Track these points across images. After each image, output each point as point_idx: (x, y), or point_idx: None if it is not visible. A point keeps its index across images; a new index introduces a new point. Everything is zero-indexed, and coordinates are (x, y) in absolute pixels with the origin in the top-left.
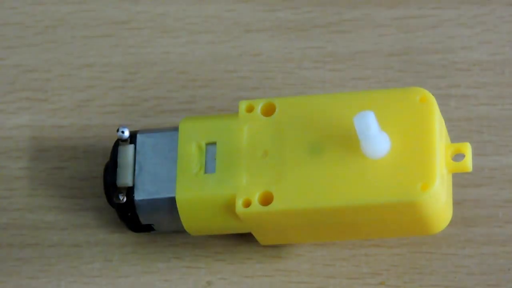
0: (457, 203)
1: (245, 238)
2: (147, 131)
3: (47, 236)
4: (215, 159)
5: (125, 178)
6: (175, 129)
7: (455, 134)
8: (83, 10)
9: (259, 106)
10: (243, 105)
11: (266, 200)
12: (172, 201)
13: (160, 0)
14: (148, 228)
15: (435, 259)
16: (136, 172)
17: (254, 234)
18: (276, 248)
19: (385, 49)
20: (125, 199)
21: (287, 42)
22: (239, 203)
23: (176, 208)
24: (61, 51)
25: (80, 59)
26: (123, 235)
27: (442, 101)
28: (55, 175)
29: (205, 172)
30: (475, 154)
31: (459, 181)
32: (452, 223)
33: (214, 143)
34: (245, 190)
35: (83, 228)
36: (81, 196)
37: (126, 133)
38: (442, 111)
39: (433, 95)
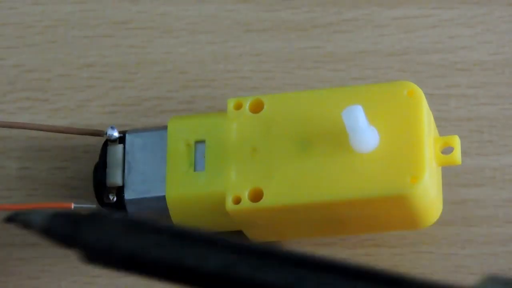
0: (458, 203)
1: (246, 238)
2: (136, 130)
3: None
4: (204, 157)
5: (114, 178)
6: (164, 128)
7: (455, 134)
8: (83, 10)
9: (247, 103)
10: (231, 103)
11: (256, 196)
12: (162, 200)
13: (160, 0)
14: None
15: (436, 259)
16: (126, 171)
17: (244, 231)
18: None
19: (385, 49)
20: (115, 199)
21: (287, 42)
22: (229, 200)
23: (166, 207)
24: (61, 51)
25: (80, 59)
26: None
27: (442, 101)
28: (55, 175)
29: (195, 170)
30: (475, 154)
31: (460, 181)
32: (452, 223)
33: (203, 141)
34: (235, 187)
35: None
36: (82, 196)
37: (115, 133)
38: (442, 111)
39: (433, 95)
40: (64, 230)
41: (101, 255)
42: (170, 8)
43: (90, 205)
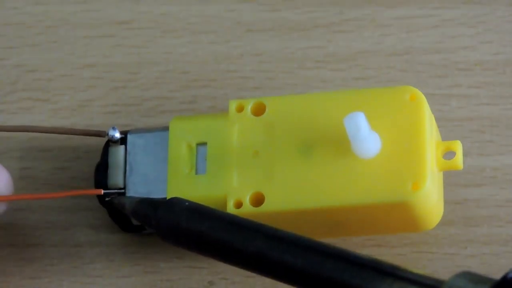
0: (459, 203)
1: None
2: (137, 131)
3: (49, 236)
4: (206, 159)
5: (116, 179)
6: (166, 129)
7: (456, 134)
8: (84, 10)
9: (249, 105)
10: (233, 105)
11: (257, 201)
12: None
13: (161, 0)
14: (139, 229)
15: (437, 259)
16: (127, 173)
17: None
18: None
19: (386, 49)
20: None
21: (289, 42)
22: (230, 204)
23: None
24: (63, 51)
25: (81, 59)
26: (125, 235)
27: (444, 101)
28: (57, 175)
29: (196, 173)
30: (476, 154)
31: (461, 181)
32: (453, 223)
33: (204, 143)
34: (236, 191)
35: (85, 228)
36: (83, 196)
37: (117, 134)
38: (443, 111)
39: (434, 95)
40: (145, 213)
41: (169, 233)
42: (172, 8)
43: (117, 190)
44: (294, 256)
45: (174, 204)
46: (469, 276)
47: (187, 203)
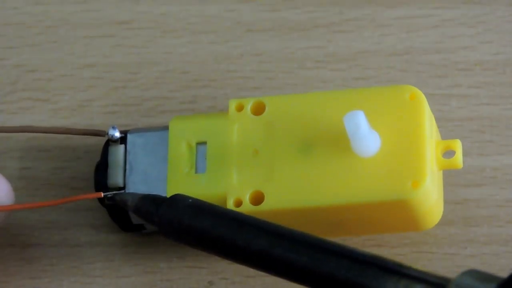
0: (459, 203)
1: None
2: (137, 130)
3: (49, 236)
4: (206, 158)
5: (116, 178)
6: (166, 128)
7: (456, 134)
8: (84, 10)
9: (249, 105)
10: (233, 104)
11: (257, 199)
12: None
13: (161, 0)
14: (139, 228)
15: (437, 259)
16: (127, 172)
17: None
18: None
19: (386, 49)
20: None
21: (289, 42)
22: (230, 203)
23: None
24: (63, 51)
25: (81, 59)
26: (125, 235)
27: (444, 101)
28: (57, 175)
29: (196, 171)
30: (476, 154)
31: (461, 181)
32: (453, 223)
33: (204, 143)
34: (236, 189)
35: (84, 228)
36: None
37: (117, 134)
38: (443, 111)
39: (434, 95)
40: (148, 209)
41: (171, 230)
42: (171, 8)
43: (117, 189)
44: (298, 253)
45: (177, 201)
46: (476, 274)
47: (190, 200)
